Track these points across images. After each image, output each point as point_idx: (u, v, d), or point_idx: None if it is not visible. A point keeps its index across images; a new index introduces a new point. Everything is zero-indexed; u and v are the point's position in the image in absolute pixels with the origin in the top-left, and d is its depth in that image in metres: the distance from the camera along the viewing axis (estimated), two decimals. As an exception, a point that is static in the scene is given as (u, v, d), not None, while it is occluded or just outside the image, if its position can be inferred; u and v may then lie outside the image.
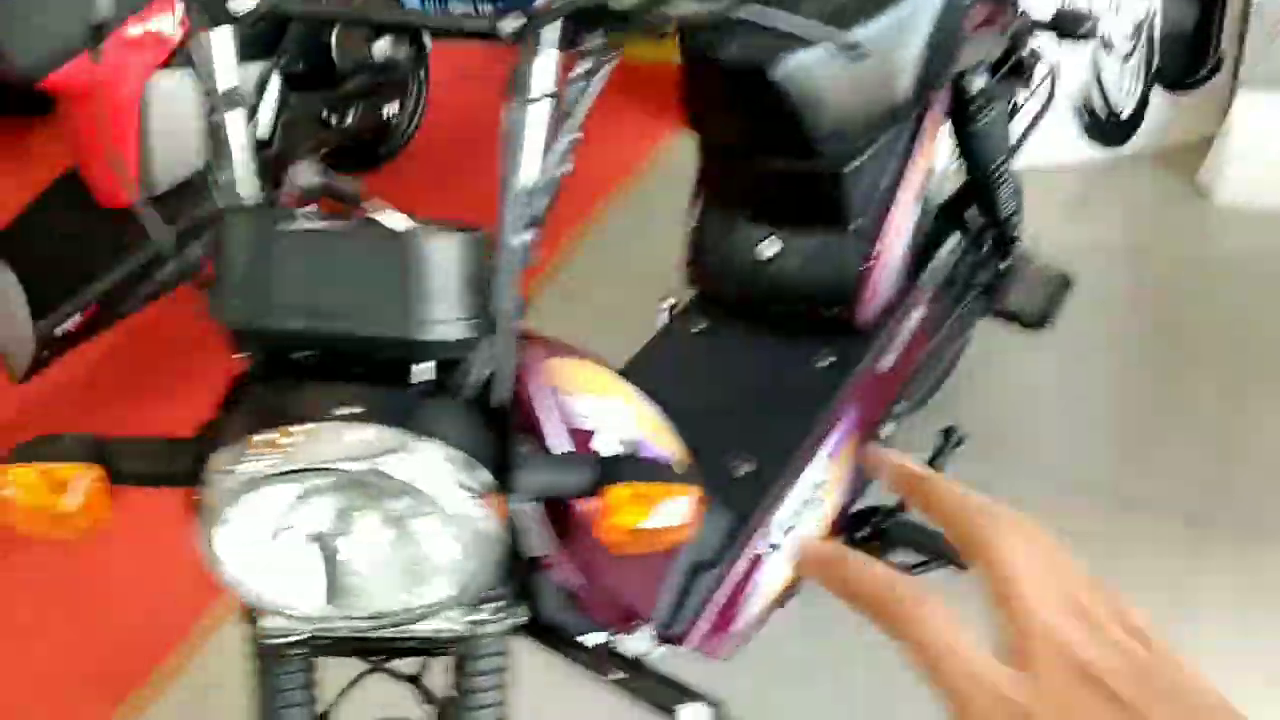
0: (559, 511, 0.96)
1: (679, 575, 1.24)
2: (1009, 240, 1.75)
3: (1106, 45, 2.41)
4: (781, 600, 1.40)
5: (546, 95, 0.79)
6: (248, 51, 2.29)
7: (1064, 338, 2.05)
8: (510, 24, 0.78)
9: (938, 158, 1.48)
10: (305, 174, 0.75)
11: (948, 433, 1.61)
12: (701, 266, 1.49)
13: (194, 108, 2.38)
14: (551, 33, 0.78)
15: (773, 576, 1.33)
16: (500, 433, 0.79)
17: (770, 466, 1.32)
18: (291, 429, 0.67)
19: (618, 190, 2.71)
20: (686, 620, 1.24)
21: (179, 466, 0.76)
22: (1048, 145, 2.51)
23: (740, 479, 1.28)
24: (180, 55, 2.32)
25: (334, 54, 2.56)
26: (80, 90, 2.27)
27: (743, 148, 1.36)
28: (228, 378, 0.81)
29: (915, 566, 1.59)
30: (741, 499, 1.26)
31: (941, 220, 1.64)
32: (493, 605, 0.87)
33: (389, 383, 0.74)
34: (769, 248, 1.41)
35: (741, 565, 1.29)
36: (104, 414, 2.40)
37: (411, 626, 0.82)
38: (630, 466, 0.80)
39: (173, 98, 2.33)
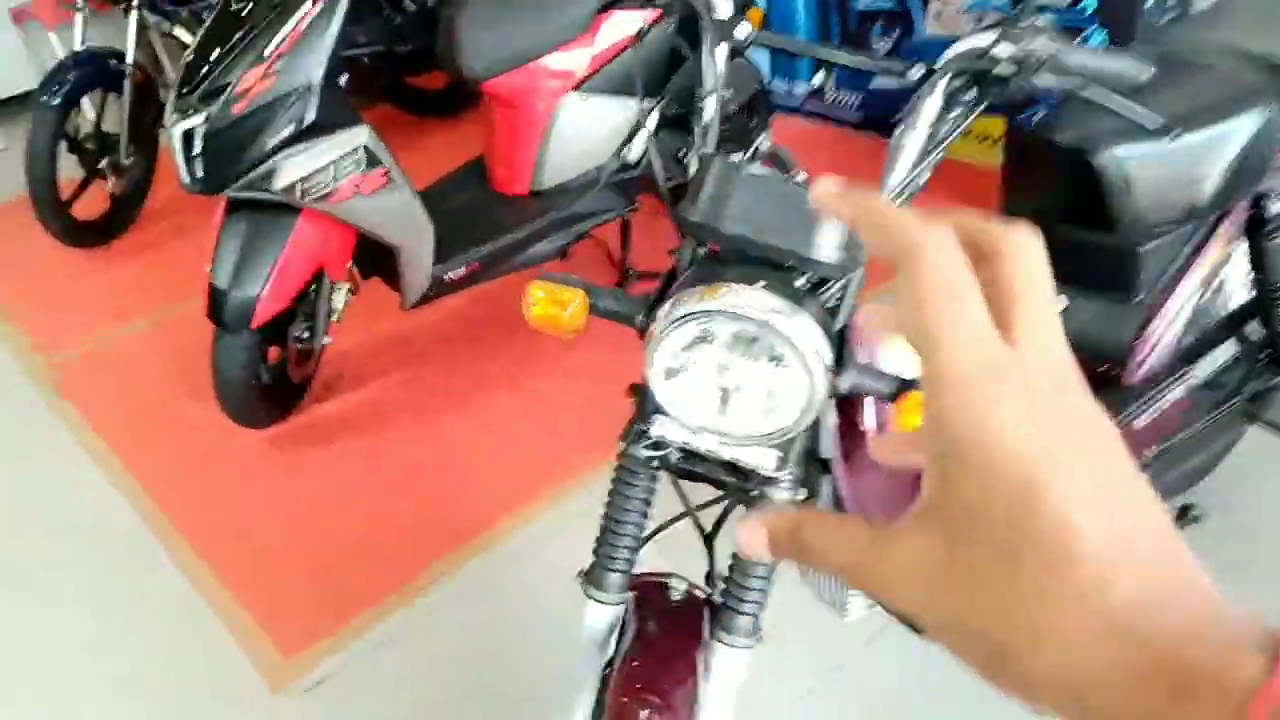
0: (849, 433, 1.28)
1: None
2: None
3: None
4: None
5: (926, 127, 1.13)
6: (646, 89, 2.81)
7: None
8: (916, 72, 1.13)
9: (1229, 262, 1.69)
10: (763, 142, 1.12)
11: (1185, 509, 1.78)
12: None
13: (588, 127, 2.91)
14: (942, 83, 1.12)
15: None
16: (840, 338, 1.12)
17: None
18: (722, 287, 1.04)
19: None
20: None
21: (636, 311, 1.15)
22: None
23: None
24: (587, 84, 2.87)
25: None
26: (506, 97, 2.86)
27: (1050, 216, 1.64)
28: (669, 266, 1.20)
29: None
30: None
31: (1225, 325, 1.82)
32: (790, 477, 1.19)
33: (781, 279, 1.09)
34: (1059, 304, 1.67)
35: None
36: (448, 347, 2.96)
37: (741, 454, 1.14)
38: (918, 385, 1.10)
39: (575, 117, 2.88)
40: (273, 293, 2.38)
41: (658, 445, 1.19)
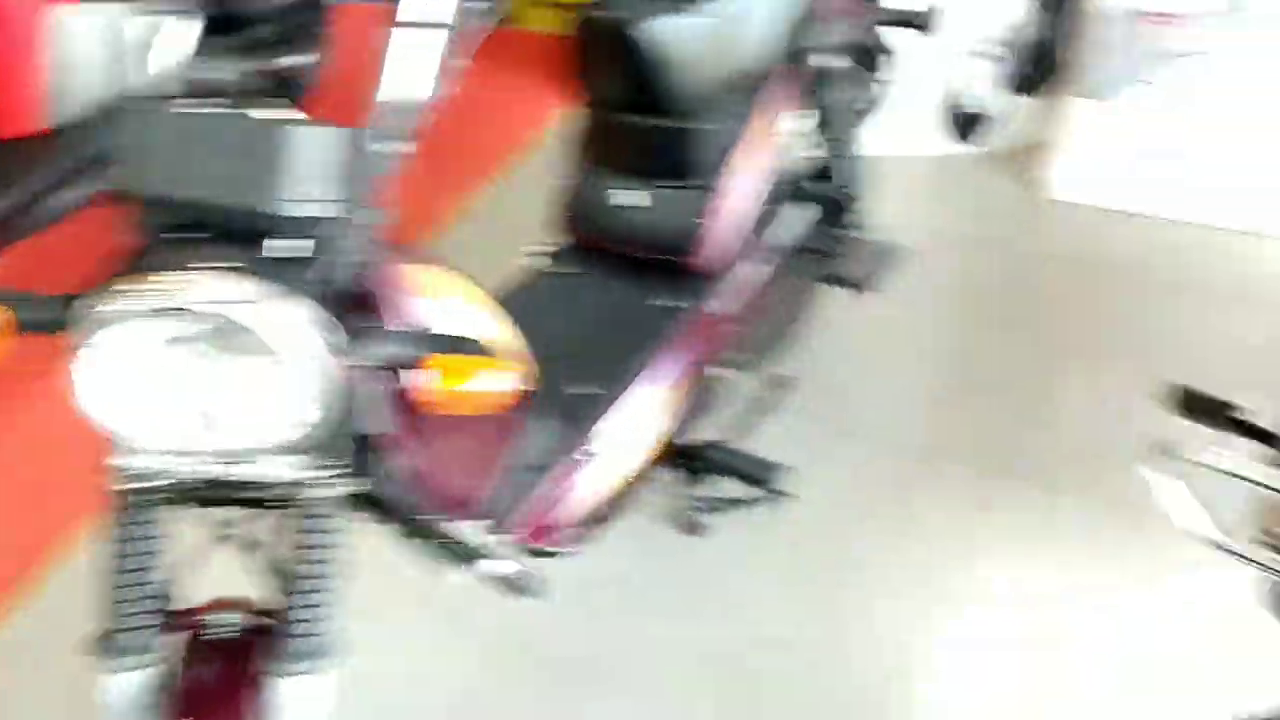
0: (401, 396, 1.09)
1: (510, 475, 1.38)
2: (844, 210, 1.92)
3: (978, 52, 2.63)
4: (605, 514, 1.55)
5: (438, 21, 0.89)
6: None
7: (903, 314, 2.28)
8: None
9: (788, 127, 1.66)
10: (216, 71, 0.87)
11: (773, 379, 1.80)
12: (567, 213, 1.64)
13: (97, 47, 2.41)
14: None
15: (590, 481, 1.46)
16: (346, 310, 0.92)
17: (604, 388, 1.47)
18: (153, 276, 0.79)
19: (509, 163, 2.83)
20: (513, 512, 1.37)
21: (61, 314, 0.88)
22: (912, 136, 2.76)
23: (576, 397, 1.43)
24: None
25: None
26: (-20, 12, 2.29)
27: (612, 104, 1.52)
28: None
29: (739, 501, 1.76)
30: (575, 414, 1.41)
31: (788, 186, 1.81)
32: (331, 468, 0.98)
33: (251, 250, 0.86)
34: (626, 197, 1.57)
35: (563, 469, 1.42)
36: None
37: (254, 470, 0.93)
38: (454, 342, 0.92)
39: (74, 34, 2.36)
40: None
41: (142, 476, 0.94)
